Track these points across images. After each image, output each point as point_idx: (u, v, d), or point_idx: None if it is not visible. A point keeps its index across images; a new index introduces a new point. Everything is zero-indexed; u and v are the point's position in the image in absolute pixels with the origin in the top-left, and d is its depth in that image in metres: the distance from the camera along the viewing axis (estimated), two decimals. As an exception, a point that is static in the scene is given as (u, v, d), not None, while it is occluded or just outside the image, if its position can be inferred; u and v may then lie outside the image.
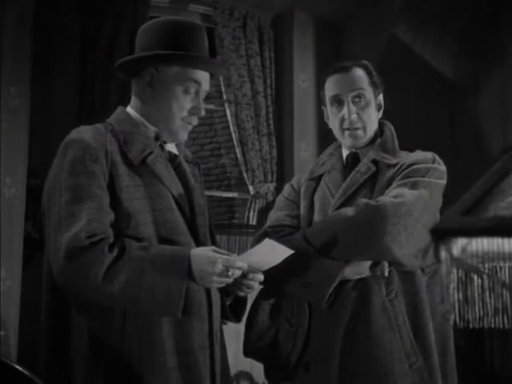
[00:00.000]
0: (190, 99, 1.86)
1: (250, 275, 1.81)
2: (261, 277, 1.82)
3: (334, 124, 2.19)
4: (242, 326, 2.09)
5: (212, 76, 1.95)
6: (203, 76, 1.89)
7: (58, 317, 1.75)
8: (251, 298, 2.07)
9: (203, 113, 1.90)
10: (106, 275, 1.62)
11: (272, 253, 1.79)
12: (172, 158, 1.91)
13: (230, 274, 1.67)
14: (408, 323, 1.96)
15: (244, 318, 2.03)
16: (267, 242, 1.78)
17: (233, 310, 1.95)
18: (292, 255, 1.81)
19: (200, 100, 1.88)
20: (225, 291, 1.91)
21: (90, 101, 3.92)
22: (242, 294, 1.89)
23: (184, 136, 1.91)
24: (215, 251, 1.69)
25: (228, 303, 1.94)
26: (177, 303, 1.64)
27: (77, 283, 1.64)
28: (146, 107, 1.89)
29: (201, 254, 1.68)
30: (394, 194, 1.96)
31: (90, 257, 1.62)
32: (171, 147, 1.93)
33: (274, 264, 1.81)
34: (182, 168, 1.93)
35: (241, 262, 1.70)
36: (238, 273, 1.69)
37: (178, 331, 1.74)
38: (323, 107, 2.25)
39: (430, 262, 2.00)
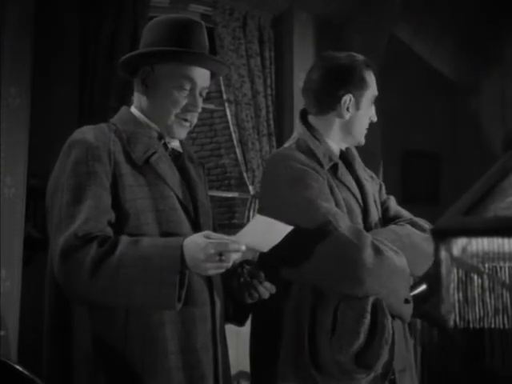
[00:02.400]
0: (184, 96, 1.84)
1: (268, 284, 1.82)
2: (274, 288, 1.83)
3: (364, 122, 2.11)
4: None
5: (213, 75, 1.94)
6: (198, 73, 1.86)
7: (61, 317, 1.75)
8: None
9: (199, 109, 1.87)
10: (96, 271, 1.60)
11: (269, 231, 1.68)
12: (176, 156, 1.90)
13: (223, 258, 1.59)
14: None
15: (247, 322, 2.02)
16: (260, 218, 1.68)
17: (236, 314, 1.95)
18: (390, 269, 1.86)
19: (196, 97, 1.85)
20: (230, 294, 1.91)
21: (90, 101, 3.92)
22: (250, 300, 1.88)
23: (180, 133, 1.88)
24: (207, 236, 1.62)
25: (232, 306, 1.94)
26: (171, 295, 1.60)
27: (71, 282, 1.64)
28: (145, 106, 1.89)
29: (192, 241, 1.63)
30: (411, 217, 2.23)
31: (81, 255, 1.61)
32: (175, 145, 1.93)
33: (274, 243, 1.70)
34: (186, 168, 1.92)
35: (236, 244, 1.60)
36: (235, 256, 1.61)
37: (181, 331, 1.74)
38: (349, 95, 2.06)
39: None
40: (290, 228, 1.70)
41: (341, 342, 1.87)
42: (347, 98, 2.06)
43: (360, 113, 2.09)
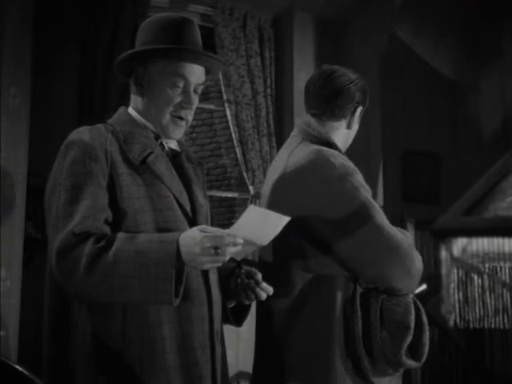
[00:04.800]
0: (177, 94, 1.84)
1: (265, 285, 1.81)
2: (271, 289, 1.82)
3: (353, 135, 2.22)
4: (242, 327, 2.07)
5: (209, 71, 1.94)
6: (191, 69, 1.86)
7: (60, 317, 1.75)
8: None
9: (193, 106, 1.87)
10: (93, 267, 1.60)
11: (266, 222, 1.63)
12: (174, 156, 1.90)
13: (219, 251, 1.58)
14: None
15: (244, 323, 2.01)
16: (254, 209, 1.64)
17: (234, 314, 1.95)
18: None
19: (189, 94, 1.85)
20: (227, 294, 1.91)
21: (90, 101, 3.92)
22: (247, 302, 1.88)
23: (175, 132, 1.87)
24: (202, 230, 1.61)
25: (230, 306, 1.94)
26: (167, 289, 1.59)
27: (69, 279, 1.64)
28: (140, 106, 1.89)
29: (187, 235, 1.62)
30: None
31: (78, 252, 1.61)
32: (173, 144, 1.93)
33: (273, 236, 1.66)
34: (184, 167, 1.91)
35: (232, 237, 1.57)
36: (232, 250, 1.60)
37: (179, 331, 1.74)
38: (361, 108, 2.19)
39: None
40: (287, 219, 1.66)
41: (393, 335, 1.95)
42: (359, 110, 2.18)
43: (356, 126, 2.22)
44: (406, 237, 2.01)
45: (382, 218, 1.96)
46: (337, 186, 1.97)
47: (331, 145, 2.09)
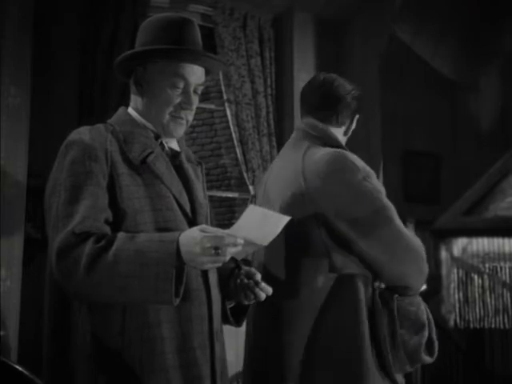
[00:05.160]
0: (177, 94, 1.84)
1: (264, 286, 1.81)
2: (270, 290, 1.82)
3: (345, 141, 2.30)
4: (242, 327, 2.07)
5: (209, 72, 1.94)
6: (190, 70, 1.86)
7: (60, 317, 1.75)
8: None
9: (193, 107, 1.88)
10: (93, 267, 1.60)
11: (266, 222, 1.64)
12: (174, 156, 1.90)
13: (219, 252, 1.58)
14: None
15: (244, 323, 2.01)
16: (254, 209, 1.64)
17: (234, 314, 1.95)
18: None
19: (189, 94, 1.85)
20: (227, 295, 1.91)
21: (90, 101, 3.92)
22: (246, 302, 1.88)
23: (176, 131, 1.87)
24: (202, 230, 1.61)
25: (229, 307, 1.94)
26: (168, 289, 1.59)
27: (69, 279, 1.64)
28: (140, 106, 1.89)
29: (187, 235, 1.62)
30: None
31: (78, 252, 1.61)
32: (173, 144, 1.93)
33: (274, 235, 1.67)
34: (184, 167, 1.91)
35: (232, 237, 1.58)
36: (232, 250, 1.60)
37: (179, 331, 1.74)
38: (357, 116, 2.29)
39: None
40: (286, 219, 1.67)
41: (412, 333, 2.03)
42: (356, 118, 2.29)
43: (347, 136, 2.32)
44: (415, 238, 2.07)
45: (399, 220, 2.03)
46: (359, 187, 2.02)
47: (342, 148, 2.15)
